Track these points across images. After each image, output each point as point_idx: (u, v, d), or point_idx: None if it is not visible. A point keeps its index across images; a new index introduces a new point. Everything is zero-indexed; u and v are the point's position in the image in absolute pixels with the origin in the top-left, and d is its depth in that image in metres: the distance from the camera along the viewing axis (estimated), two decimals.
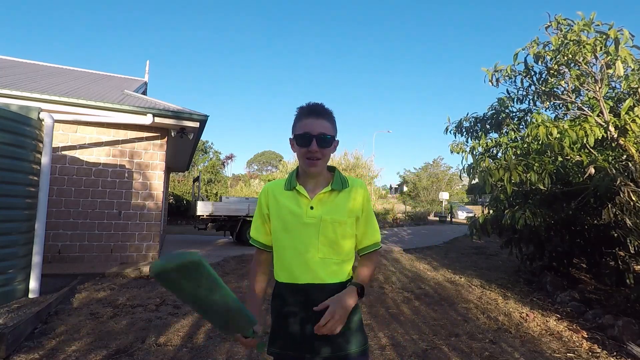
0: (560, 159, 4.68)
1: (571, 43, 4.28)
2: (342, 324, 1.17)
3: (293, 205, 1.28)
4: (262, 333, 1.22)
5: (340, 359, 1.23)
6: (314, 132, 1.22)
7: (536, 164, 4.55)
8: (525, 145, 5.21)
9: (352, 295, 1.22)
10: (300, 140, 1.24)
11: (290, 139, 1.31)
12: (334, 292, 1.24)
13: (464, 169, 5.69)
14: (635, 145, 4.17)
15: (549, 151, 4.71)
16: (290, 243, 1.27)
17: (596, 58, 4.37)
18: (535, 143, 4.91)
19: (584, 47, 4.18)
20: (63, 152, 6.11)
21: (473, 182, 5.63)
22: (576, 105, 5.22)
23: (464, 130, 6.75)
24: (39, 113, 4.13)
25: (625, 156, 4.33)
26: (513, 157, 4.98)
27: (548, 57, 4.78)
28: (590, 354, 3.34)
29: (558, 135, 4.27)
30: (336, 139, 1.32)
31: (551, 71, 4.95)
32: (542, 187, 4.49)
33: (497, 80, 5.43)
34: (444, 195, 29.84)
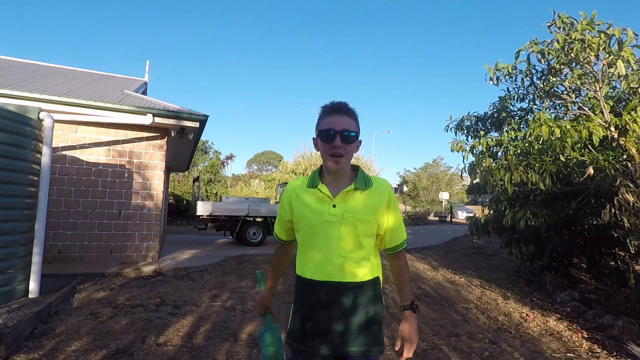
0: (562, 158, 4.67)
1: (576, 42, 4.27)
2: (415, 344, 1.32)
3: (315, 204, 1.30)
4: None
5: (348, 356, 1.26)
6: (337, 128, 1.23)
7: (537, 164, 4.54)
8: (527, 145, 5.20)
9: (413, 319, 1.33)
10: (324, 136, 1.25)
11: (314, 138, 1.33)
12: (352, 291, 1.26)
13: (465, 168, 5.68)
14: (635, 146, 4.16)
15: (549, 151, 4.70)
16: (312, 240, 1.30)
17: (597, 57, 4.37)
18: (537, 142, 4.91)
19: (589, 46, 4.17)
20: (63, 152, 6.11)
21: (475, 181, 5.61)
22: (576, 105, 5.22)
23: (464, 128, 6.74)
24: (38, 113, 4.12)
25: (625, 156, 4.33)
26: (514, 157, 4.97)
27: (550, 56, 4.78)
28: (590, 354, 3.34)
29: (560, 135, 4.27)
30: (359, 138, 1.31)
31: (553, 70, 4.95)
32: (542, 187, 4.48)
33: (498, 78, 5.44)
34: (444, 195, 29.85)
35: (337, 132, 1.23)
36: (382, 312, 1.34)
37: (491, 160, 5.18)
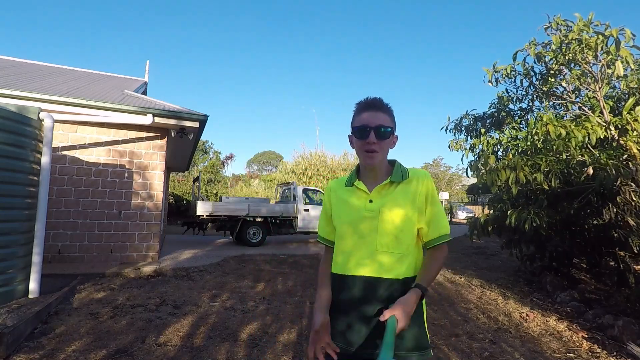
0: (564, 156, 4.67)
1: (574, 42, 4.27)
2: (406, 325, 1.13)
3: (353, 200, 1.31)
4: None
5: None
6: (371, 125, 1.23)
7: (543, 164, 4.54)
8: (529, 144, 5.19)
9: (414, 299, 1.17)
10: (358, 133, 1.25)
11: (349, 135, 1.33)
12: (390, 286, 1.22)
13: (470, 165, 5.65)
14: (636, 145, 4.16)
15: (552, 151, 4.70)
16: (349, 236, 1.28)
17: (596, 58, 4.38)
18: (540, 142, 4.90)
19: (586, 46, 4.18)
20: (63, 152, 6.11)
21: (482, 180, 5.56)
22: (576, 105, 5.22)
23: (463, 128, 6.74)
24: (39, 113, 4.13)
25: (625, 156, 4.33)
26: (518, 157, 4.96)
27: (548, 57, 4.78)
28: (590, 354, 3.34)
29: (564, 135, 4.28)
30: (395, 134, 1.31)
31: (551, 71, 4.95)
32: (547, 187, 4.48)
33: (497, 80, 5.44)
34: (444, 195, 29.84)
35: (371, 128, 1.22)
36: (422, 313, 1.27)
37: (495, 158, 5.16)
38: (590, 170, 4.09)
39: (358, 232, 1.27)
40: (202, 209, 9.86)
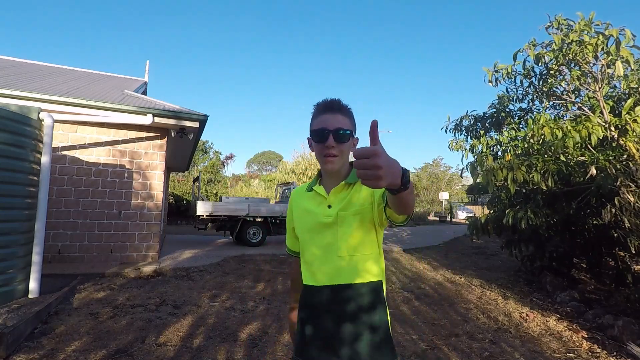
0: (562, 158, 4.68)
1: (574, 43, 4.27)
2: (378, 172, 0.76)
3: (312, 206, 1.25)
4: None
5: None
6: (330, 127, 1.16)
7: (539, 164, 4.55)
8: (527, 145, 5.20)
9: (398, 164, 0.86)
10: (316, 136, 1.18)
11: (308, 138, 1.26)
12: (357, 292, 1.17)
13: (466, 167, 5.66)
14: (635, 145, 4.16)
15: (549, 151, 4.70)
16: (311, 244, 1.24)
17: (596, 58, 4.38)
18: (537, 143, 4.91)
19: (586, 47, 4.18)
20: (63, 152, 6.11)
21: (477, 180, 5.57)
22: (576, 105, 5.22)
23: (463, 128, 6.75)
24: (39, 113, 4.13)
25: (625, 156, 4.33)
26: (515, 157, 4.97)
27: (548, 58, 4.78)
28: (590, 354, 3.34)
29: (561, 136, 4.28)
30: (355, 136, 1.24)
31: (551, 71, 4.95)
32: (543, 187, 4.49)
33: (497, 80, 5.44)
34: (444, 195, 29.86)
35: (329, 131, 1.15)
36: (387, 319, 1.22)
37: (493, 159, 5.17)
38: (594, 171, 4.10)
39: (319, 240, 1.21)
40: (202, 209, 9.86)
